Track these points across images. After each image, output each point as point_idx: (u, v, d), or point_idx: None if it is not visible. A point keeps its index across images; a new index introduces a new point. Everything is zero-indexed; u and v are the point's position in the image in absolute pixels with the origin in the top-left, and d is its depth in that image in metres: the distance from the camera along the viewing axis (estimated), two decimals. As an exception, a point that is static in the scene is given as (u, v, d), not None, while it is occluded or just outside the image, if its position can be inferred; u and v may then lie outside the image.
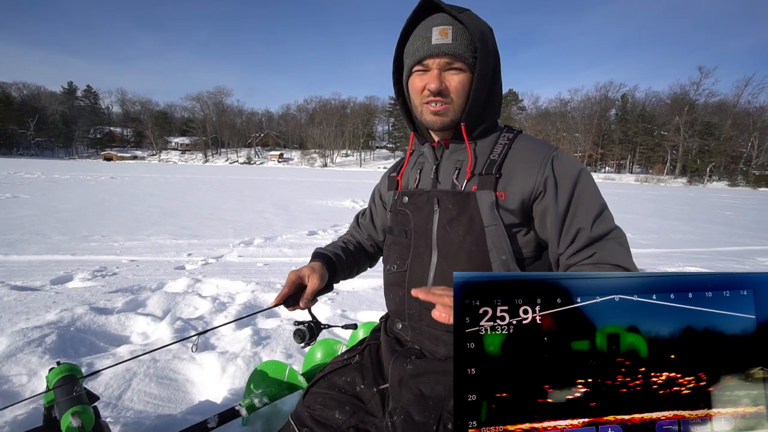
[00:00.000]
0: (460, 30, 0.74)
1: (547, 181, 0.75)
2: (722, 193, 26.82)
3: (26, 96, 64.47)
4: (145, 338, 2.04)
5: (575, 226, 0.75)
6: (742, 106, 52.03)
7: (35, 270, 3.13)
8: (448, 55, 0.74)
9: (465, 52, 0.74)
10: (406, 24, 0.79)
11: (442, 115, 0.78)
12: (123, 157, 63.89)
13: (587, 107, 58.85)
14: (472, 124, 0.81)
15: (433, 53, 0.75)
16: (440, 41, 0.74)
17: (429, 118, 0.80)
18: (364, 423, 0.83)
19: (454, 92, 0.77)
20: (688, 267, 4.24)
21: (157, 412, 1.41)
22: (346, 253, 1.04)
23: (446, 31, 0.74)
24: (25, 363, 1.63)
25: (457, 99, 0.77)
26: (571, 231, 0.75)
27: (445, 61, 0.75)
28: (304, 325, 0.95)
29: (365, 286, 2.95)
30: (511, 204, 0.76)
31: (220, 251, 4.05)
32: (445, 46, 0.74)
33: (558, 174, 0.76)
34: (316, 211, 7.73)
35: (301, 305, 0.90)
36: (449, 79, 0.76)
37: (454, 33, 0.74)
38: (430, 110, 0.79)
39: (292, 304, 0.90)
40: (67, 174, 16.86)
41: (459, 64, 0.75)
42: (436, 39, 0.74)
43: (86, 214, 6.15)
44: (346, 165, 63.64)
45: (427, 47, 0.75)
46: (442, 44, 0.74)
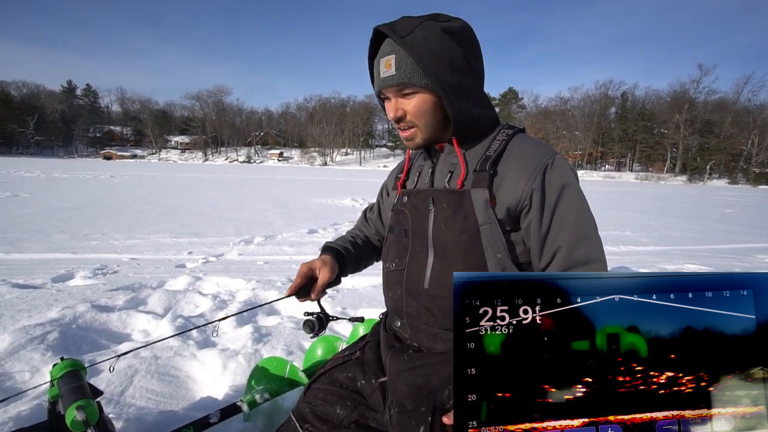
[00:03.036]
0: (402, 57, 0.73)
1: (534, 194, 0.74)
2: (722, 191, 26.80)
3: (26, 95, 64.30)
4: (147, 335, 2.04)
5: (555, 244, 0.74)
6: (742, 103, 51.98)
7: (36, 268, 3.13)
8: (396, 85, 0.76)
9: (411, 77, 0.74)
10: (368, 57, 0.81)
11: (411, 139, 0.82)
12: (122, 156, 63.76)
13: (587, 105, 58.68)
14: (464, 132, 0.81)
15: (383, 86, 0.78)
16: (386, 74, 0.76)
17: (405, 143, 0.84)
18: (365, 418, 0.83)
19: (412, 116, 0.78)
20: (687, 265, 4.24)
21: (158, 408, 1.42)
22: (354, 246, 1.05)
23: (389, 62, 0.75)
24: (27, 360, 1.64)
25: (419, 121, 0.79)
26: (550, 249, 0.74)
27: (395, 90, 0.77)
28: (313, 316, 0.97)
29: (365, 283, 2.96)
30: (500, 213, 0.76)
31: (220, 249, 4.05)
32: (389, 79, 0.76)
33: (547, 186, 0.74)
34: (316, 209, 7.73)
35: (312, 297, 0.93)
36: (405, 105, 0.78)
37: (396, 62, 0.74)
38: (401, 135, 0.83)
39: (303, 296, 0.93)
40: (67, 173, 16.85)
41: (408, 89, 0.76)
42: (383, 72, 0.76)
43: (86, 212, 6.15)
44: (346, 164, 63.59)
45: (378, 81, 0.79)
46: (387, 77, 0.76)
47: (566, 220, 0.74)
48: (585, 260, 0.73)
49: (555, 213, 0.74)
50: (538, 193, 0.74)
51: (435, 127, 0.80)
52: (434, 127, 0.80)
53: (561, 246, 0.73)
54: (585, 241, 0.73)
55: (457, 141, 0.81)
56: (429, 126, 0.79)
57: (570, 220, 0.74)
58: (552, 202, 0.74)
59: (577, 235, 0.73)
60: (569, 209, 0.74)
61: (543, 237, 0.75)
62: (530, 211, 0.74)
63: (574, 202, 0.75)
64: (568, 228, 0.73)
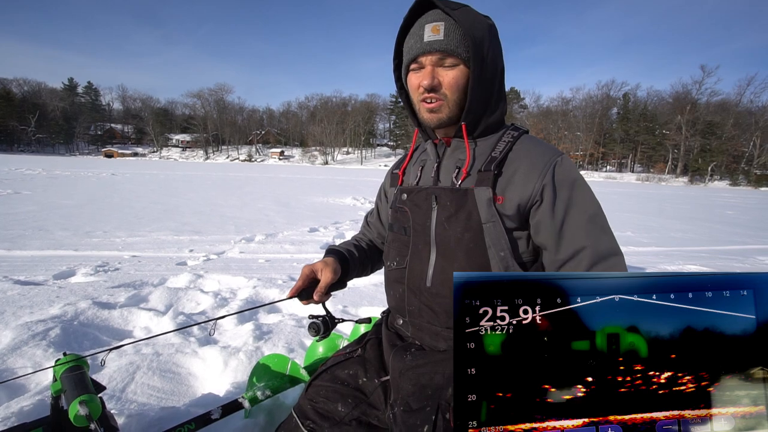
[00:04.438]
0: (452, 26, 0.74)
1: (545, 189, 0.74)
2: (723, 193, 26.71)
3: (27, 92, 64.38)
4: (148, 332, 2.05)
5: (576, 239, 0.73)
6: (744, 105, 51.79)
7: (38, 265, 3.14)
8: (440, 51, 0.74)
9: (458, 47, 0.74)
10: (403, 22, 0.80)
11: (436, 111, 0.79)
12: (124, 154, 63.82)
13: (589, 106, 58.52)
14: (473, 122, 0.80)
15: (425, 50, 0.75)
16: (432, 38, 0.74)
17: (425, 116, 0.81)
18: (367, 415, 0.83)
19: (447, 87, 0.77)
20: (688, 265, 4.24)
21: (160, 404, 1.43)
22: (358, 250, 1.05)
23: (438, 27, 0.74)
24: (30, 356, 1.65)
25: (451, 95, 0.77)
26: (571, 243, 0.73)
27: (437, 58, 0.75)
28: (318, 319, 0.96)
29: (366, 282, 2.96)
30: (509, 210, 0.75)
31: (221, 247, 4.06)
32: (437, 43, 0.74)
33: (557, 181, 0.75)
34: (317, 208, 7.73)
35: (315, 298, 0.92)
36: (442, 75, 0.76)
37: (446, 29, 0.74)
38: (425, 107, 0.79)
39: (305, 297, 0.92)
40: (68, 170, 16.86)
41: (451, 59, 0.75)
42: (428, 36, 0.75)
43: (88, 210, 6.16)
44: (347, 163, 63.51)
45: (420, 45, 0.76)
46: (433, 41, 0.74)
47: (584, 214, 0.74)
48: (610, 252, 0.73)
49: (570, 207, 0.74)
50: (550, 188, 0.74)
51: (460, 107, 0.79)
52: (459, 106, 0.79)
53: (585, 244, 0.73)
54: (605, 235, 0.74)
55: (467, 129, 0.80)
56: (458, 103, 0.78)
57: (588, 214, 0.74)
58: (565, 197, 0.74)
59: (598, 229, 0.74)
60: (585, 203, 0.75)
61: (558, 229, 0.74)
62: (541, 206, 0.74)
63: (588, 196, 0.76)
64: (589, 222, 0.74)
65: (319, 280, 0.92)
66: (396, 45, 0.83)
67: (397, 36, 0.81)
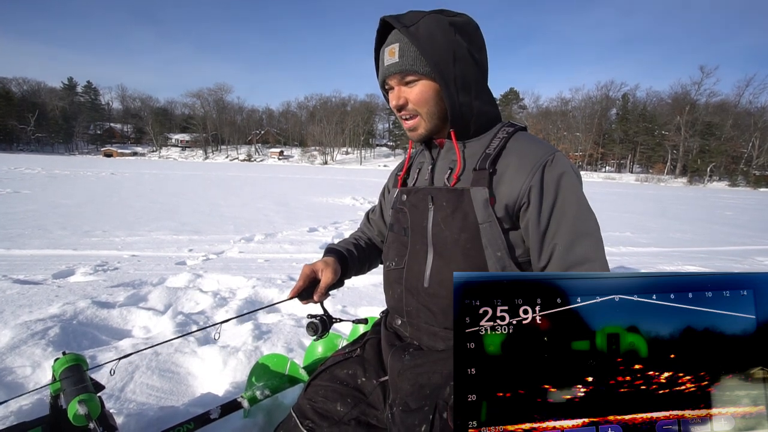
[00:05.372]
0: (406, 45, 0.75)
1: (532, 191, 0.73)
2: (722, 193, 26.76)
3: (26, 91, 64.31)
4: (147, 332, 2.04)
5: (553, 243, 0.73)
6: (743, 106, 51.90)
7: (37, 264, 3.13)
8: (398, 72, 0.77)
9: (413, 65, 0.75)
10: (375, 48, 0.82)
11: (414, 129, 0.82)
12: (123, 154, 63.71)
13: (588, 106, 58.62)
14: (462, 126, 0.80)
15: (387, 74, 0.79)
16: (389, 62, 0.77)
17: (408, 134, 0.84)
18: (366, 415, 0.84)
19: (414, 104, 0.79)
20: (687, 266, 4.24)
21: (159, 403, 1.42)
22: (357, 249, 1.05)
23: (393, 50, 0.76)
24: (29, 355, 1.64)
25: (420, 108, 0.79)
26: (548, 248, 0.73)
27: (398, 78, 0.78)
28: (317, 319, 0.96)
29: (365, 282, 2.96)
30: (499, 211, 0.75)
31: (220, 247, 4.05)
32: (393, 66, 0.77)
33: (545, 183, 0.73)
34: (316, 208, 7.73)
35: (315, 298, 0.92)
36: (407, 93, 0.79)
37: (400, 50, 0.75)
38: (405, 126, 0.83)
39: (306, 298, 0.92)
40: (68, 170, 16.84)
41: (410, 77, 0.77)
42: (387, 60, 0.78)
43: (87, 209, 6.15)
44: (347, 163, 63.50)
45: (383, 69, 0.80)
46: (390, 65, 0.77)
47: (564, 218, 0.73)
48: (583, 259, 0.71)
49: (553, 211, 0.73)
50: (537, 190, 0.73)
51: (437, 116, 0.80)
52: (437, 116, 0.80)
53: (558, 244, 0.72)
54: (583, 240, 0.72)
55: (456, 134, 0.81)
56: (431, 115, 0.80)
57: (568, 218, 0.73)
58: (550, 200, 0.73)
59: (575, 233, 0.72)
60: (567, 207, 0.73)
61: (541, 235, 0.74)
62: (528, 209, 0.74)
63: (573, 199, 0.74)
64: (566, 226, 0.72)
65: (319, 279, 0.92)
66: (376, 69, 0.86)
67: (374, 62, 0.84)
